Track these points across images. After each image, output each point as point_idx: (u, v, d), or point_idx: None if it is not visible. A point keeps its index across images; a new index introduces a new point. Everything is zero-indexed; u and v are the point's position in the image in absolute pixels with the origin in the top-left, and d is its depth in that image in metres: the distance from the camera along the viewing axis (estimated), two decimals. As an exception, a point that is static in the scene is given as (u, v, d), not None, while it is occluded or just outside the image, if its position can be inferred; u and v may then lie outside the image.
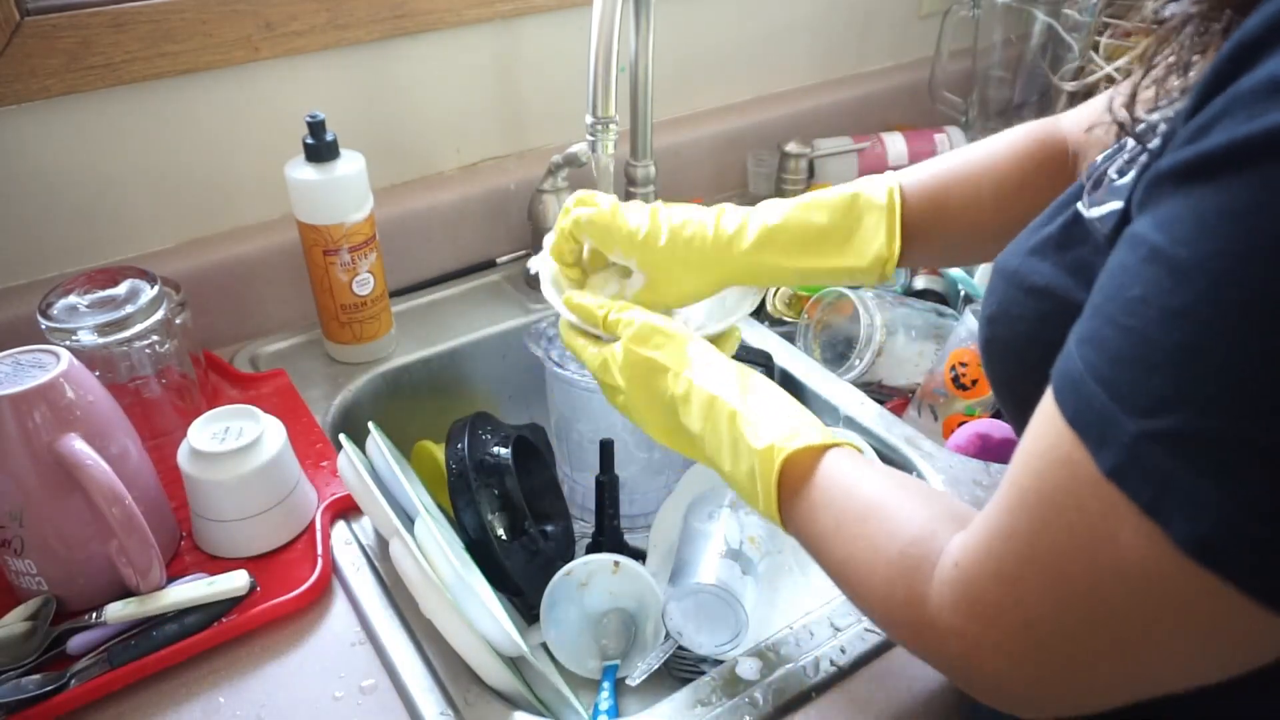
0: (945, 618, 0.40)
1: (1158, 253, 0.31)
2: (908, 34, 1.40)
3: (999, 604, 0.37)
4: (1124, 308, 0.32)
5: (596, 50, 0.77)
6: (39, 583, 0.65)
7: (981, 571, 0.38)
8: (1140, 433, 0.30)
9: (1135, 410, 0.30)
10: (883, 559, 0.44)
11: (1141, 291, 0.31)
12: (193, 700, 0.61)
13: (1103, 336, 0.33)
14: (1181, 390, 0.29)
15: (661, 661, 0.70)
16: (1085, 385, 0.33)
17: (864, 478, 0.49)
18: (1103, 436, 0.32)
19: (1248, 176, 0.28)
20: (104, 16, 0.82)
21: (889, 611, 0.44)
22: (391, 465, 0.69)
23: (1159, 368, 0.30)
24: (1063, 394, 0.34)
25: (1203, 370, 0.29)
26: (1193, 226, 0.30)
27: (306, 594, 0.67)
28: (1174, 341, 0.30)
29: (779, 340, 0.98)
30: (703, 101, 1.25)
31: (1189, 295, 0.29)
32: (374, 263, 0.90)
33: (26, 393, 0.61)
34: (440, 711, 0.60)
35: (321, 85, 0.95)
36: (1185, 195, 0.30)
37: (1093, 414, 0.32)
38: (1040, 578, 0.35)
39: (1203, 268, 0.29)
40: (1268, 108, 0.28)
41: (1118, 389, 0.31)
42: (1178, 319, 0.29)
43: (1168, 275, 0.30)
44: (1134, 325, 0.31)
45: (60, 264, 0.89)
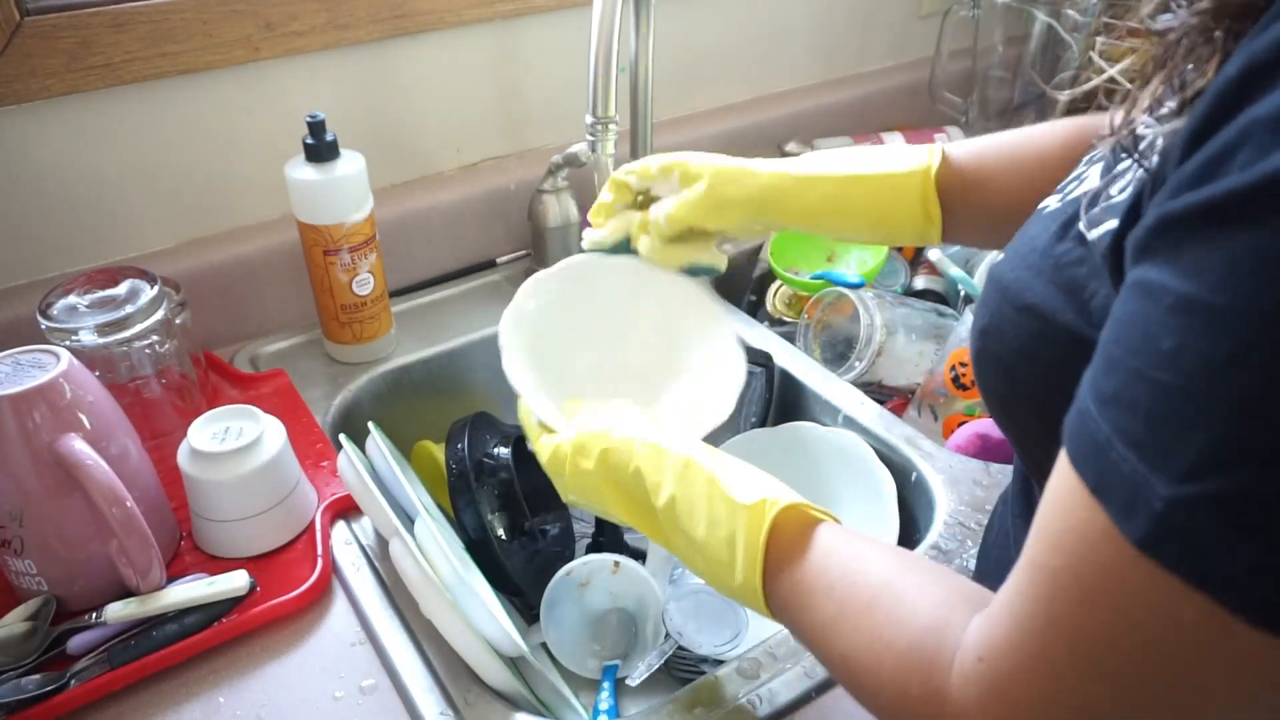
0: (971, 717, 0.36)
1: (1189, 302, 0.29)
2: (908, 34, 1.40)
3: (1038, 700, 0.34)
4: (1155, 363, 0.29)
5: (596, 50, 0.77)
6: (39, 583, 0.65)
7: (1013, 664, 0.35)
8: (1176, 497, 0.28)
9: (1173, 474, 0.28)
10: (893, 652, 0.40)
11: (1175, 344, 0.29)
12: (193, 700, 0.61)
13: (1132, 395, 0.30)
14: (1229, 445, 0.27)
15: (661, 661, 0.70)
16: (1112, 449, 0.30)
17: (864, 557, 0.45)
18: (1128, 505, 0.30)
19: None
20: (104, 16, 0.82)
21: (903, 711, 0.40)
22: (391, 465, 0.69)
23: (1202, 424, 0.28)
24: (1083, 461, 0.32)
25: (1253, 421, 0.27)
26: (1228, 271, 0.28)
27: (306, 594, 0.67)
28: (1219, 393, 0.28)
29: (779, 340, 0.98)
30: (703, 101, 1.25)
31: (1233, 342, 0.27)
32: (374, 263, 0.90)
33: (26, 393, 0.61)
34: (440, 711, 0.60)
35: (321, 85, 0.95)
36: (1211, 238, 0.28)
37: (1119, 479, 0.30)
38: (1082, 665, 0.32)
39: (1246, 314, 0.27)
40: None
41: (1150, 450, 0.29)
42: (1223, 369, 0.28)
43: (1206, 324, 0.28)
44: (1169, 380, 0.29)
45: (60, 264, 0.89)
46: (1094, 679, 0.32)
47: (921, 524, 0.79)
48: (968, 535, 0.73)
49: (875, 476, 0.80)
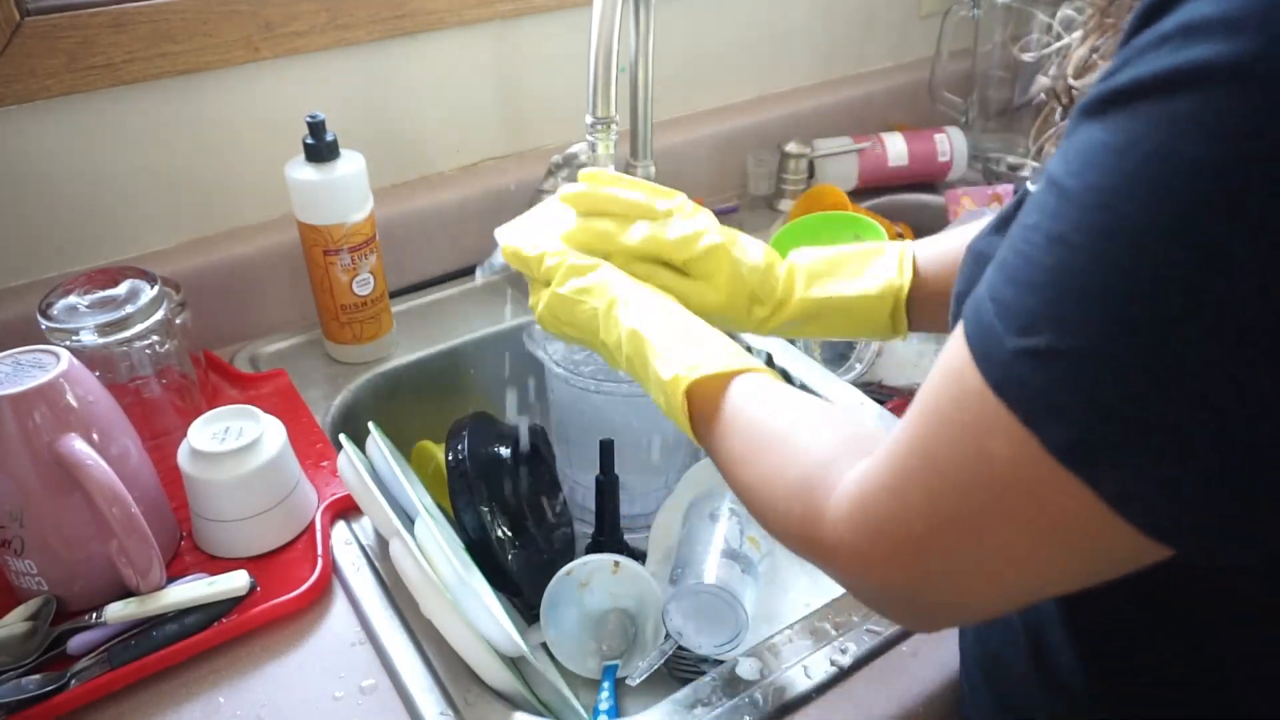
0: (837, 531, 0.42)
1: (1052, 182, 0.33)
2: (908, 34, 1.40)
3: (886, 515, 0.39)
4: (1021, 233, 0.34)
5: (596, 50, 0.77)
6: (39, 583, 0.65)
7: (875, 482, 0.40)
8: (1017, 349, 0.32)
9: (1014, 329, 0.33)
10: (784, 481, 0.47)
11: (1035, 218, 0.33)
12: (193, 700, 0.61)
13: (1002, 259, 0.35)
14: (1050, 309, 0.32)
15: (661, 661, 0.70)
16: (982, 304, 0.35)
17: (773, 404, 0.51)
18: (987, 352, 0.34)
19: (1130, 113, 0.30)
20: (104, 16, 0.82)
21: (786, 528, 0.46)
22: (391, 465, 0.69)
23: (1036, 288, 0.32)
24: (966, 314, 0.36)
25: (1069, 292, 0.31)
26: (1080, 158, 0.32)
27: (306, 594, 0.67)
28: (1049, 263, 0.32)
29: (779, 340, 0.98)
30: (703, 101, 1.25)
31: (1067, 222, 0.31)
32: (374, 263, 0.90)
33: (26, 393, 0.61)
34: (440, 711, 0.60)
35: (321, 85, 0.95)
36: (1081, 129, 0.32)
37: (983, 330, 0.34)
38: (921, 487, 0.37)
39: (1081, 196, 0.31)
40: (1152, 57, 0.30)
41: (1004, 307, 0.33)
42: (1055, 243, 0.32)
43: (1054, 201, 0.32)
44: (1022, 248, 0.33)
45: (60, 264, 0.89)
46: (923, 504, 0.37)
47: (921, 524, 0.79)
48: (968, 535, 0.73)
49: None
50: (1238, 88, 0.27)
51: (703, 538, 0.72)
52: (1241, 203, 0.28)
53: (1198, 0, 0.29)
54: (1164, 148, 0.29)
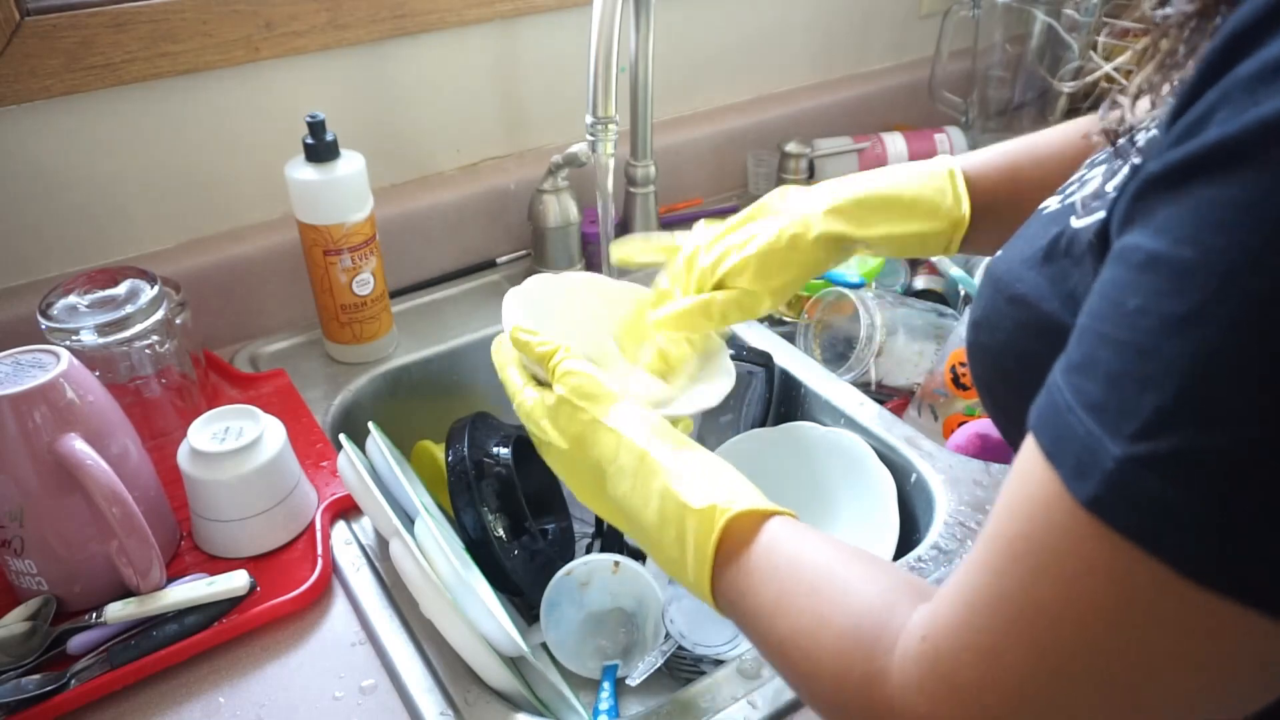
0: (910, 698, 0.35)
1: (1156, 258, 0.28)
2: (908, 34, 1.40)
3: (978, 680, 0.32)
4: (1118, 323, 0.29)
5: (596, 50, 0.77)
6: (39, 583, 0.65)
7: (956, 642, 0.33)
8: (1128, 457, 0.27)
9: (1124, 433, 0.27)
10: (833, 633, 0.39)
11: (1139, 302, 0.28)
12: (193, 700, 0.61)
13: (1094, 358, 0.29)
14: (1183, 403, 0.26)
15: (661, 661, 0.70)
16: (1069, 414, 0.30)
17: (811, 546, 0.44)
18: (1082, 465, 0.28)
19: (1255, 165, 0.26)
20: (104, 16, 0.82)
21: (840, 692, 0.39)
22: (391, 465, 0.69)
23: (1158, 382, 0.27)
24: (1043, 428, 0.31)
25: (1209, 378, 0.26)
26: (1195, 225, 0.27)
27: (306, 594, 0.67)
28: (1176, 350, 0.26)
29: (779, 340, 0.98)
30: (703, 101, 1.25)
31: (1195, 297, 0.26)
32: (374, 263, 0.90)
33: (26, 393, 0.61)
34: (440, 711, 0.60)
35: (321, 85, 0.95)
36: (1184, 195, 0.27)
37: (1074, 442, 0.29)
38: (1025, 642, 0.31)
39: (1210, 265, 0.26)
40: (1268, 93, 0.25)
41: (1105, 411, 0.28)
42: (1182, 325, 0.26)
43: (1169, 279, 0.27)
44: (1128, 339, 0.28)
45: (60, 264, 0.89)
46: (1036, 655, 0.31)
47: (921, 524, 0.79)
48: (968, 535, 0.73)
49: (874, 476, 0.80)
50: None
51: (703, 538, 0.72)
52: None
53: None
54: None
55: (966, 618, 0.33)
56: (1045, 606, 0.30)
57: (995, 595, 0.32)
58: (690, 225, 0.68)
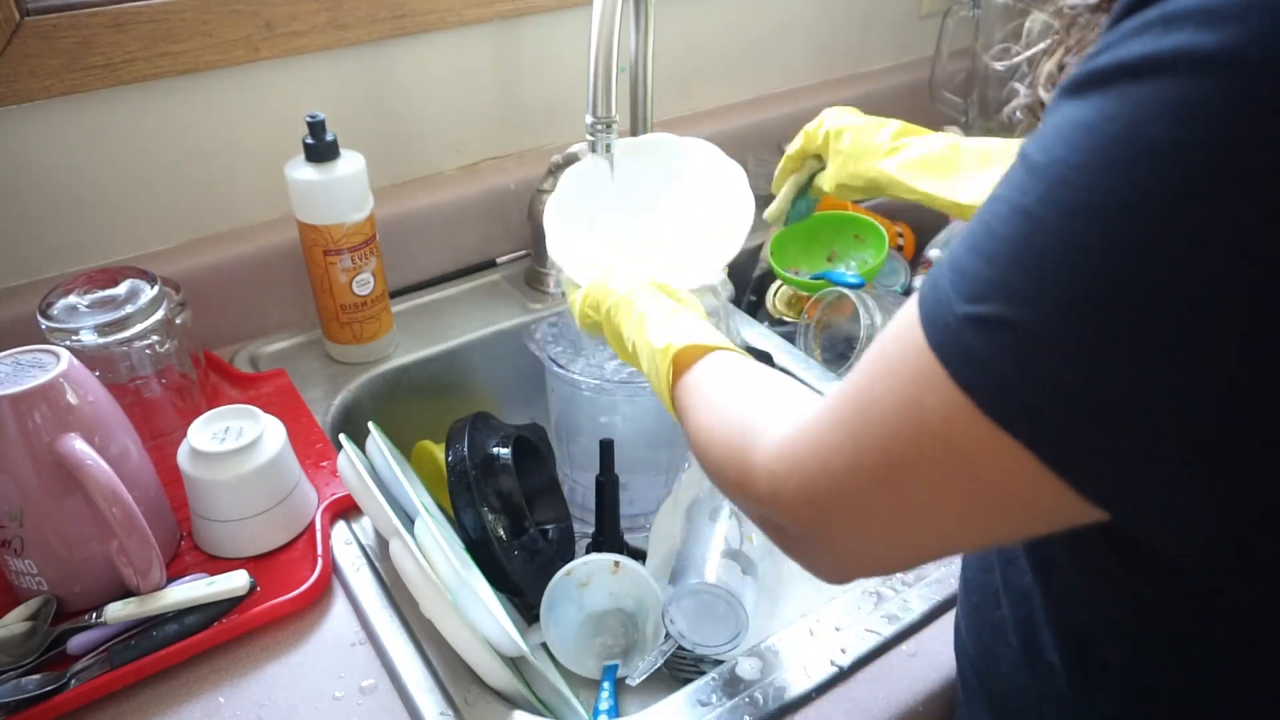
0: (762, 469, 0.43)
1: (1024, 156, 0.33)
2: (908, 34, 1.40)
3: (806, 455, 0.40)
4: (988, 204, 0.34)
5: (596, 50, 0.77)
6: (39, 583, 0.65)
7: (803, 428, 0.41)
8: (964, 315, 0.33)
9: (964, 295, 0.33)
10: (724, 428, 0.49)
11: (1002, 190, 0.33)
12: (193, 700, 0.61)
13: (968, 228, 0.35)
14: (1002, 279, 0.32)
15: (661, 661, 0.70)
16: (941, 268, 0.35)
17: (736, 371, 0.55)
18: (935, 315, 0.34)
19: (1104, 94, 0.30)
20: (104, 16, 0.82)
21: (721, 470, 0.48)
22: (391, 465, 0.69)
23: (991, 257, 0.32)
24: (926, 276, 0.37)
25: (1023, 264, 0.31)
26: (1052, 134, 0.32)
27: (306, 594, 0.67)
28: (1007, 234, 0.32)
29: (779, 340, 0.98)
30: (703, 101, 1.25)
31: (1030, 195, 0.32)
32: (374, 263, 0.90)
33: (26, 393, 0.61)
34: (440, 711, 0.60)
35: (321, 85, 0.95)
36: (1059, 108, 0.32)
37: (935, 291, 0.35)
38: (846, 432, 0.38)
39: (1047, 170, 0.31)
40: (1133, 43, 0.30)
41: (958, 273, 0.34)
42: (1016, 214, 0.32)
43: (1022, 175, 0.32)
44: (986, 218, 0.34)
45: (60, 264, 0.89)
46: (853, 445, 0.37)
47: (921, 524, 0.79)
48: (968, 535, 0.73)
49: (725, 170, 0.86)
50: (1208, 75, 0.28)
51: (703, 538, 0.72)
52: (1199, 187, 0.28)
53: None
54: (1131, 128, 0.29)
55: (819, 409, 0.40)
56: (874, 406, 0.37)
57: (842, 392, 0.39)
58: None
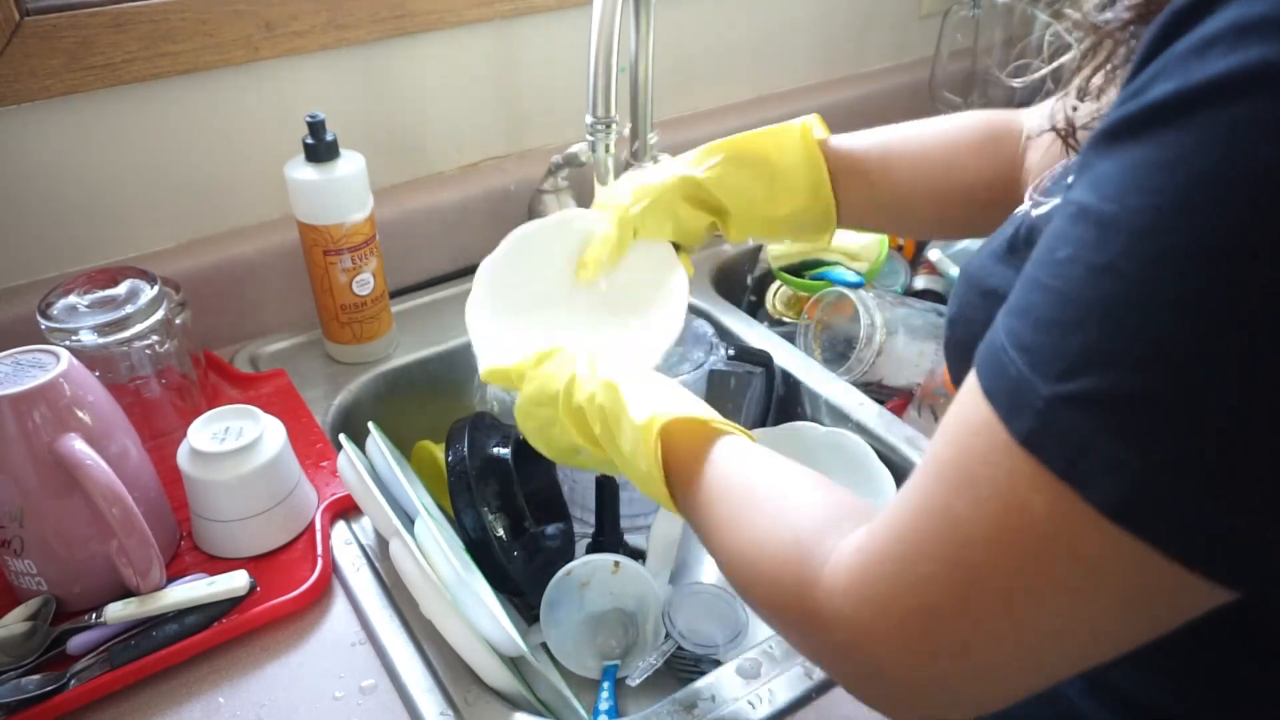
0: (834, 603, 0.37)
1: (1086, 211, 0.30)
2: (908, 34, 1.40)
3: (893, 582, 0.35)
4: (1050, 270, 0.31)
5: (596, 50, 0.77)
6: (39, 583, 0.65)
7: (881, 552, 0.36)
8: (1054, 396, 0.29)
9: (1051, 374, 0.29)
10: (773, 545, 0.43)
11: (1069, 252, 0.30)
12: (193, 700, 0.61)
13: (1028, 302, 0.32)
14: (1100, 348, 0.28)
15: (661, 661, 0.70)
16: (1004, 353, 0.32)
17: (763, 465, 0.48)
18: (1016, 403, 0.31)
19: (1175, 128, 0.28)
20: (104, 16, 0.82)
21: (774, 598, 0.42)
22: (391, 465, 0.69)
23: (1079, 326, 0.29)
24: (982, 365, 0.33)
25: (1122, 327, 0.28)
26: (1119, 181, 0.29)
27: (306, 594, 0.67)
28: (1095, 298, 0.29)
29: (779, 340, 0.98)
30: (703, 101, 1.25)
31: (1113, 250, 0.29)
32: (374, 263, 0.90)
33: (26, 393, 0.61)
34: (440, 711, 0.60)
35: (321, 85, 0.95)
36: (1116, 153, 0.30)
37: (1007, 380, 0.31)
38: (940, 554, 0.33)
39: (1127, 221, 0.28)
40: (1197, 65, 0.27)
41: (1035, 352, 0.30)
42: (1101, 275, 0.29)
43: (1094, 232, 0.29)
44: (1057, 286, 0.30)
45: (60, 264, 0.89)
46: (946, 567, 0.33)
47: (921, 524, 0.79)
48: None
49: (874, 476, 0.80)
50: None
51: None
52: None
53: (1244, 1, 0.27)
54: (1229, 157, 0.26)
55: (892, 526, 0.36)
56: (964, 518, 0.32)
57: (919, 506, 0.34)
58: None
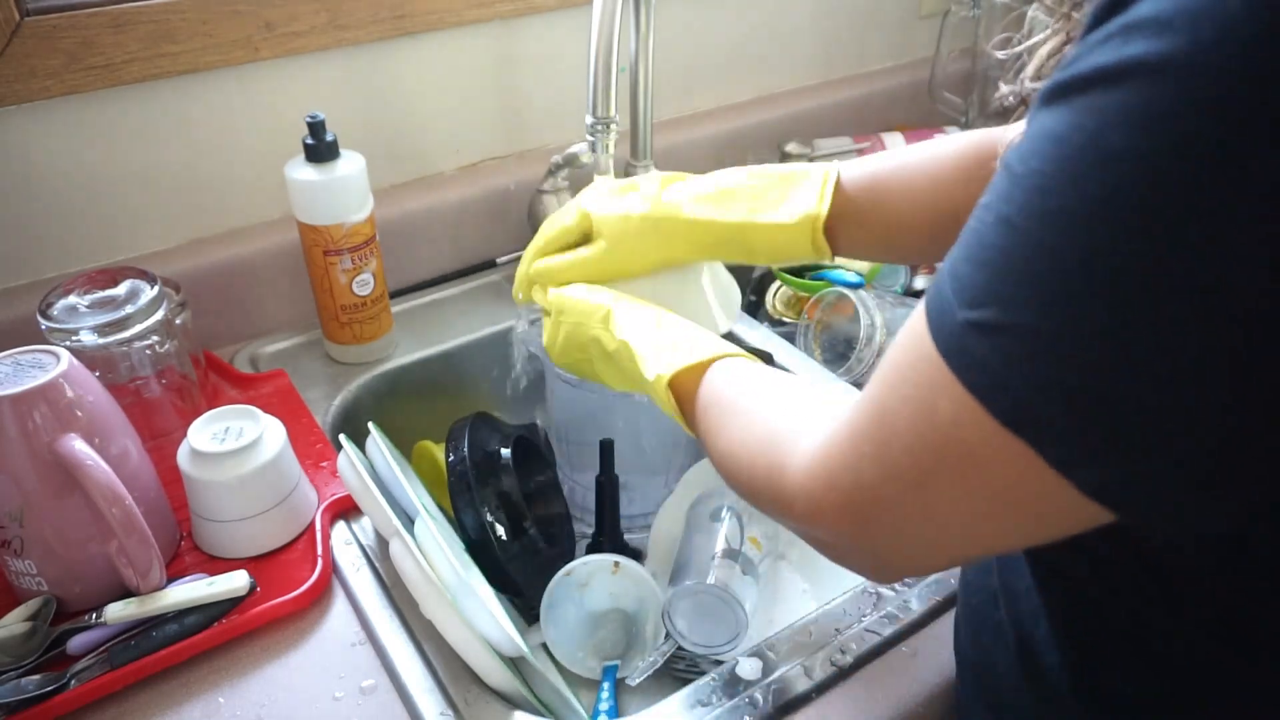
0: (797, 482, 0.44)
1: (1006, 166, 0.35)
2: (908, 34, 1.40)
3: (840, 467, 0.41)
4: (978, 212, 0.36)
5: (596, 50, 0.77)
6: (39, 583, 0.65)
7: (834, 440, 0.42)
8: (965, 320, 0.35)
9: (964, 300, 0.35)
10: (753, 440, 0.50)
11: (989, 199, 0.35)
12: (193, 700, 0.61)
13: (963, 235, 0.37)
14: (994, 286, 0.34)
15: (662, 661, 0.70)
16: (942, 276, 0.37)
17: (747, 380, 0.55)
18: (940, 321, 0.36)
19: (1070, 105, 0.32)
20: (104, 17, 0.82)
21: (753, 485, 0.49)
22: (391, 465, 0.69)
23: (984, 265, 0.34)
24: (931, 286, 0.38)
25: (1010, 271, 0.33)
26: (1029, 144, 0.33)
27: (306, 594, 0.67)
28: (995, 242, 0.34)
29: (779, 340, 0.98)
30: (703, 101, 1.25)
31: (1012, 204, 0.33)
32: (374, 263, 0.90)
33: (26, 393, 0.61)
34: (440, 711, 0.60)
35: (321, 85, 0.95)
36: (1036, 117, 0.34)
37: (939, 300, 0.37)
38: (873, 441, 0.40)
39: (1025, 181, 0.33)
40: (1101, 50, 0.31)
41: (956, 280, 0.36)
42: (1001, 224, 0.34)
43: (1005, 185, 0.34)
44: (976, 226, 0.35)
45: (60, 264, 0.89)
46: (875, 457, 0.39)
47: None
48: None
49: None
50: (1161, 82, 0.29)
51: (703, 538, 0.72)
52: (1158, 192, 0.29)
53: (1142, 1, 0.30)
54: (1094, 138, 0.31)
55: (846, 420, 0.42)
56: (895, 415, 0.38)
57: (867, 402, 0.41)
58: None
